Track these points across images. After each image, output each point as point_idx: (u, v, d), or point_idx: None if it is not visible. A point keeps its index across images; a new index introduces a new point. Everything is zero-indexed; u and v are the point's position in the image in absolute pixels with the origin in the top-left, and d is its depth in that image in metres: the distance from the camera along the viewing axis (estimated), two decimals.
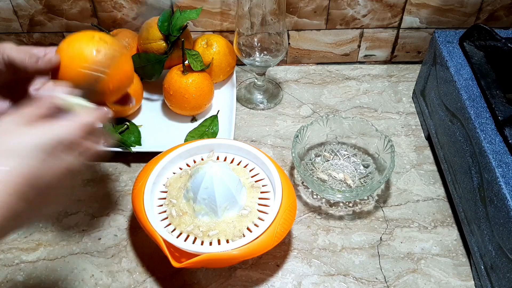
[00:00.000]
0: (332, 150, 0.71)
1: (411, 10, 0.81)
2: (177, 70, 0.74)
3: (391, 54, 0.89)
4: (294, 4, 0.80)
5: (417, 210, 0.64)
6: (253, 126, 0.77)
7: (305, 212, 0.64)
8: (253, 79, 0.82)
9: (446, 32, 0.70)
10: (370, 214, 0.64)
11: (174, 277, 0.57)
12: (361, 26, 0.84)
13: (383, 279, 0.57)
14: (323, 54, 0.88)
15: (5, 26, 0.82)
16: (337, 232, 0.62)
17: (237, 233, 0.54)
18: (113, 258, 0.59)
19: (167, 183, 0.60)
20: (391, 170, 0.62)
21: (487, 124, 0.56)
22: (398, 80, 0.86)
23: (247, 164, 0.63)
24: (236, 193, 0.55)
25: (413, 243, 0.61)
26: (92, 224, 0.63)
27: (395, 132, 0.76)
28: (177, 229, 0.55)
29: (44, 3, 0.79)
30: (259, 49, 0.76)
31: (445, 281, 0.57)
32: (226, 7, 0.81)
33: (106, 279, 0.57)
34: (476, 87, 0.61)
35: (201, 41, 0.79)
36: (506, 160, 0.51)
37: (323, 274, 0.58)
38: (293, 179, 0.69)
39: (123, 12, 0.81)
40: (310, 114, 0.79)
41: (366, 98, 0.82)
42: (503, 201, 0.48)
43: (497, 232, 0.50)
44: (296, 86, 0.84)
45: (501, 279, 0.49)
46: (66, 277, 0.57)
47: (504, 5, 0.80)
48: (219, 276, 0.57)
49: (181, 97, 0.73)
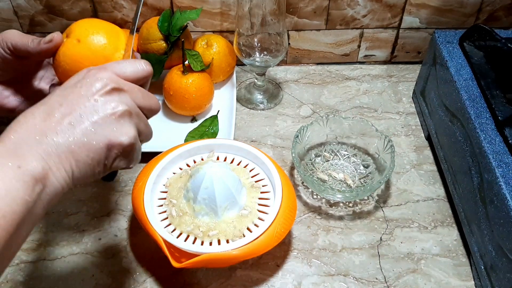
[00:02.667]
0: (332, 150, 0.71)
1: (411, 10, 0.81)
2: (177, 70, 0.74)
3: (391, 54, 0.89)
4: (294, 4, 0.80)
5: (417, 210, 0.64)
6: (253, 126, 0.77)
7: (305, 212, 0.64)
8: (253, 79, 0.82)
9: (446, 32, 0.70)
10: (370, 214, 0.64)
11: (174, 277, 0.57)
12: (361, 26, 0.84)
13: (383, 279, 0.57)
14: (323, 54, 0.88)
15: (5, 26, 0.82)
16: (337, 232, 0.62)
17: (237, 233, 0.54)
18: (113, 258, 0.59)
19: (167, 183, 0.60)
20: (391, 170, 0.62)
21: (487, 124, 0.56)
22: (398, 80, 0.86)
23: (247, 164, 0.63)
24: (236, 193, 0.55)
25: (413, 243, 0.61)
26: (92, 224, 0.63)
27: (395, 132, 0.76)
28: (177, 229, 0.55)
29: (44, 3, 0.79)
30: (259, 49, 0.76)
31: (445, 281, 0.57)
32: (226, 8, 0.81)
33: (106, 279, 0.57)
34: (476, 87, 0.61)
35: (201, 41, 0.79)
36: (506, 160, 0.51)
37: (323, 274, 0.58)
38: (293, 179, 0.69)
39: (123, 12, 0.81)
40: (310, 114, 0.79)
41: (366, 98, 0.82)
42: (503, 201, 0.48)
43: (497, 232, 0.50)
44: (296, 86, 0.84)
45: (501, 279, 0.49)
46: (66, 277, 0.57)
47: (504, 5, 0.80)
48: (219, 276, 0.57)
49: (181, 97, 0.73)
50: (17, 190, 0.32)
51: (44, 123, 0.35)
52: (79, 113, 0.37)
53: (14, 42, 0.46)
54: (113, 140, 0.38)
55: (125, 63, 0.41)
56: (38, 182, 0.33)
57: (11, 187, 0.32)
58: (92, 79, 0.38)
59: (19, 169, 0.33)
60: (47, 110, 0.36)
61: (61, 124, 0.36)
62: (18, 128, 0.35)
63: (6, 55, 0.47)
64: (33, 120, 0.36)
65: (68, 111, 0.36)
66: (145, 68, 0.42)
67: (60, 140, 0.35)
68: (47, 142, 0.35)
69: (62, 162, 0.35)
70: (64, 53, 0.47)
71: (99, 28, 0.48)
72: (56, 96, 0.38)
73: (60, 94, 0.38)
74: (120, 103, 0.38)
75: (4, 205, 0.31)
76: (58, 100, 0.37)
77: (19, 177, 0.32)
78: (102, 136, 0.37)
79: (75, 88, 0.38)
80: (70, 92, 0.38)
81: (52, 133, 0.35)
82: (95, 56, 0.47)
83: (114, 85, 0.38)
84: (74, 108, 0.37)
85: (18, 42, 0.46)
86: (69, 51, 0.47)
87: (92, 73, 0.39)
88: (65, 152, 0.35)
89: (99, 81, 0.38)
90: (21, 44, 0.46)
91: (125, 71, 0.40)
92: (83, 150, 0.36)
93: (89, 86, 0.38)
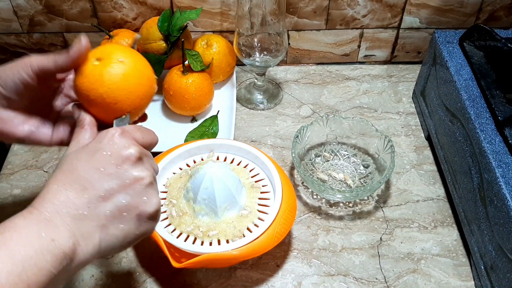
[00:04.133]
0: (332, 150, 0.71)
1: (411, 10, 0.81)
2: (177, 70, 0.74)
3: (391, 54, 0.89)
4: (294, 4, 0.80)
5: (417, 210, 0.64)
6: (253, 126, 0.77)
7: (305, 212, 0.64)
8: (253, 79, 0.82)
9: (446, 32, 0.70)
10: (370, 214, 0.64)
11: (174, 277, 0.57)
12: (361, 26, 0.84)
13: (383, 279, 0.57)
14: (323, 54, 0.88)
15: (5, 26, 0.82)
16: (337, 232, 0.62)
17: (237, 233, 0.54)
18: (113, 258, 0.59)
19: (167, 183, 0.60)
20: (391, 170, 0.62)
21: (487, 124, 0.56)
22: (398, 80, 0.86)
23: (247, 164, 0.63)
24: (236, 193, 0.55)
25: (413, 243, 0.61)
26: None
27: (395, 132, 0.76)
28: (177, 229, 0.55)
29: (44, 3, 0.79)
30: (259, 49, 0.76)
31: (445, 281, 0.57)
32: (226, 7, 0.81)
33: (106, 279, 0.57)
34: (476, 87, 0.61)
35: (201, 41, 0.79)
36: (506, 160, 0.51)
37: (323, 274, 0.58)
38: (293, 179, 0.69)
39: (123, 12, 0.81)
40: (310, 114, 0.79)
41: (366, 98, 0.82)
42: (503, 201, 0.48)
43: (497, 232, 0.50)
44: (296, 86, 0.84)
45: (501, 279, 0.49)
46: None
47: (504, 5, 0.80)
48: (219, 276, 0.57)
49: (181, 97, 0.73)
50: (46, 261, 0.32)
51: (77, 196, 0.36)
52: (110, 186, 0.37)
53: (41, 64, 0.44)
54: (143, 209, 0.38)
55: (144, 133, 0.42)
56: (66, 257, 0.34)
57: (42, 258, 0.32)
58: (119, 146, 0.39)
59: (52, 242, 0.33)
60: (80, 181, 0.37)
61: (94, 198, 0.36)
62: (51, 196, 0.36)
63: (29, 81, 0.44)
64: (65, 192, 0.36)
65: (100, 184, 0.37)
66: (156, 140, 0.44)
67: (92, 216, 0.36)
68: (80, 217, 0.35)
69: (91, 237, 0.36)
70: (86, 73, 0.45)
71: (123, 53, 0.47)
72: (85, 162, 0.38)
73: (89, 161, 0.38)
74: (145, 171, 0.39)
75: (32, 275, 0.32)
76: (88, 170, 0.37)
77: (51, 250, 0.33)
78: (133, 207, 0.38)
79: (103, 155, 0.38)
80: (99, 160, 0.38)
81: (85, 208, 0.36)
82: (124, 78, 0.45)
83: (138, 154, 0.39)
84: (105, 179, 0.37)
85: (45, 62, 0.44)
86: (91, 72, 0.46)
87: (117, 139, 0.39)
88: (96, 227, 0.36)
89: (125, 149, 0.39)
90: (47, 62, 0.44)
91: (144, 140, 0.42)
92: (114, 222, 0.37)
93: (117, 155, 0.38)
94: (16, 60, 0.44)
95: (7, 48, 0.85)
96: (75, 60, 0.44)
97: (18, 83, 0.44)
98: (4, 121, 0.46)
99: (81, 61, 0.44)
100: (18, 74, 0.44)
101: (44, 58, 0.44)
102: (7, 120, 0.46)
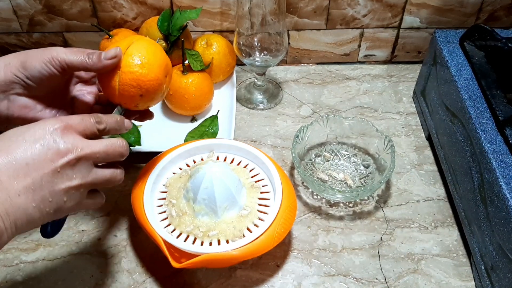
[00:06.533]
0: (332, 150, 0.71)
1: (411, 10, 0.81)
2: (177, 70, 0.74)
3: (391, 54, 0.89)
4: (294, 4, 0.80)
5: (417, 211, 0.64)
6: (253, 126, 0.77)
7: (305, 212, 0.64)
8: (253, 79, 0.82)
9: (446, 32, 0.70)
10: (371, 215, 0.64)
11: (174, 277, 0.57)
12: (361, 26, 0.84)
13: (384, 280, 0.57)
14: (323, 54, 0.88)
15: (5, 26, 0.82)
16: (337, 233, 0.62)
17: (237, 234, 0.54)
18: (113, 258, 0.59)
19: (167, 183, 0.60)
20: (391, 170, 0.62)
21: (488, 124, 0.56)
22: (398, 80, 0.86)
23: (247, 164, 0.63)
24: (236, 193, 0.55)
25: (414, 243, 0.61)
26: (92, 224, 0.63)
27: (396, 132, 0.76)
28: (177, 229, 0.55)
29: (44, 3, 0.79)
30: (259, 49, 0.76)
31: (445, 281, 0.57)
32: (226, 7, 0.80)
33: (106, 279, 0.57)
34: (476, 87, 0.61)
35: (201, 41, 0.79)
36: (506, 160, 0.51)
37: (323, 275, 0.57)
38: (293, 179, 0.69)
39: (123, 12, 0.81)
40: (310, 114, 0.79)
41: (366, 98, 0.82)
42: (504, 201, 0.48)
43: (497, 232, 0.50)
44: (296, 86, 0.84)
45: (502, 280, 0.49)
46: (66, 277, 0.57)
47: (504, 5, 0.80)
48: (219, 276, 0.57)
49: (181, 97, 0.73)
50: None
51: (9, 182, 0.37)
52: (41, 180, 0.39)
53: (68, 60, 0.46)
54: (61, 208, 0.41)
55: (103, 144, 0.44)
56: None
57: None
58: (60, 142, 0.40)
59: None
60: (14, 166, 0.38)
61: (24, 187, 0.38)
62: None
63: (55, 72, 0.47)
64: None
65: (32, 176, 0.38)
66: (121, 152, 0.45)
67: (20, 204, 0.38)
68: (10, 203, 0.37)
69: (16, 222, 0.38)
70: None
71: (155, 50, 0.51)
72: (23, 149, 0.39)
73: (28, 149, 0.39)
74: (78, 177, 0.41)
75: None
76: (25, 157, 0.38)
77: None
78: (54, 204, 0.40)
79: (42, 147, 0.39)
80: (37, 151, 0.39)
81: (15, 195, 0.37)
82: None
83: (77, 155, 0.40)
84: (38, 173, 0.38)
85: (73, 60, 0.46)
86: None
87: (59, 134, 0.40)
88: (22, 214, 0.38)
89: (66, 146, 0.40)
90: (77, 61, 0.46)
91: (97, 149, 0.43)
92: (37, 213, 0.39)
93: (55, 151, 0.39)
94: (42, 50, 0.46)
95: (7, 48, 0.85)
96: (106, 67, 0.47)
97: (45, 75, 0.46)
98: (29, 108, 0.49)
99: (109, 69, 0.47)
100: (46, 67, 0.46)
101: (74, 55, 0.46)
102: (32, 107, 0.49)
